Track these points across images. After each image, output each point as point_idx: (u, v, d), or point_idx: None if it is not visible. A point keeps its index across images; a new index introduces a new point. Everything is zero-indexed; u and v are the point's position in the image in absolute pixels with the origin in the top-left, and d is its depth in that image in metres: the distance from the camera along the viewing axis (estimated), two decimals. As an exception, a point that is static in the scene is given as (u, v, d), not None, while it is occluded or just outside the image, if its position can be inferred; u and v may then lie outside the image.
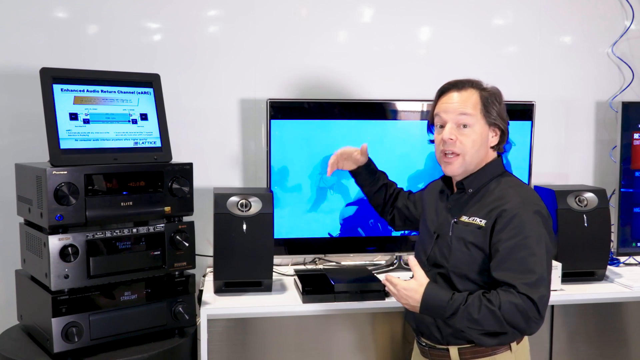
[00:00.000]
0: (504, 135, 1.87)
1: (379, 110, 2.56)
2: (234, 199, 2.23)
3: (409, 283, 1.77)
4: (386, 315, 2.24)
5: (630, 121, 2.70)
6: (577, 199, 2.41)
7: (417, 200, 2.16)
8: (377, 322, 2.24)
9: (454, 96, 1.83)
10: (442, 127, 1.83)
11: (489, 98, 1.82)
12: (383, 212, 2.25)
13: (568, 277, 2.38)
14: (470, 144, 1.80)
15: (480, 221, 1.77)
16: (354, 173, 2.22)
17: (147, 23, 2.58)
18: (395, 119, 2.56)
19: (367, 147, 2.17)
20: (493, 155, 1.87)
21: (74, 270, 1.83)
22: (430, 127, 1.93)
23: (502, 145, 1.89)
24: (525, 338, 1.83)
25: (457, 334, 1.77)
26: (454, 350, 1.80)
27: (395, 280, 1.79)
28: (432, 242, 1.88)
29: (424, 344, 1.89)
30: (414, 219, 2.16)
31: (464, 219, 1.81)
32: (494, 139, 1.85)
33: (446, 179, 1.94)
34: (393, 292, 1.80)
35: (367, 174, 2.20)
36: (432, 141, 1.93)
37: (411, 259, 1.82)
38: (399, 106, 2.56)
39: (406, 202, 2.20)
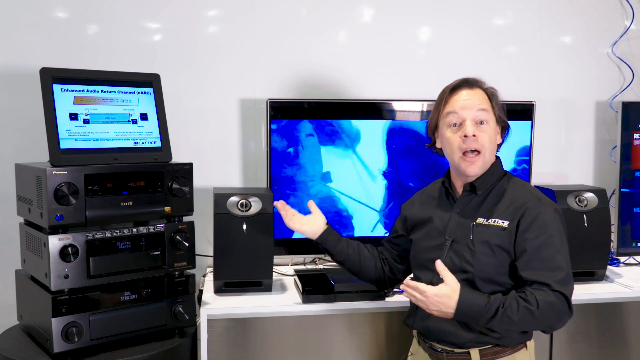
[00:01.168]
0: (502, 133, 1.88)
1: (379, 110, 2.56)
2: (234, 199, 2.23)
3: (439, 289, 1.67)
4: (386, 316, 2.23)
5: (630, 121, 2.70)
6: (577, 199, 2.41)
7: (399, 227, 2.02)
8: (377, 322, 2.23)
9: (467, 93, 1.81)
10: (455, 125, 1.80)
11: (492, 97, 1.84)
12: (376, 267, 2.04)
13: (568, 277, 2.38)
14: (488, 141, 1.79)
15: (503, 222, 1.75)
16: (319, 241, 2.03)
17: (147, 23, 2.58)
18: (395, 119, 2.56)
19: (314, 203, 2.06)
20: (495, 155, 1.88)
21: (74, 270, 1.83)
22: (431, 131, 1.90)
23: (500, 145, 1.89)
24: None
25: (478, 338, 1.74)
26: (474, 353, 1.76)
27: (422, 286, 1.68)
28: (446, 248, 1.81)
29: (439, 349, 1.82)
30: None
31: (481, 221, 1.78)
32: (498, 137, 1.86)
33: (447, 182, 1.90)
34: (421, 299, 1.69)
35: (335, 238, 2.02)
36: (430, 145, 1.91)
37: (439, 263, 1.71)
38: (399, 106, 2.55)
39: (393, 241, 2.04)
